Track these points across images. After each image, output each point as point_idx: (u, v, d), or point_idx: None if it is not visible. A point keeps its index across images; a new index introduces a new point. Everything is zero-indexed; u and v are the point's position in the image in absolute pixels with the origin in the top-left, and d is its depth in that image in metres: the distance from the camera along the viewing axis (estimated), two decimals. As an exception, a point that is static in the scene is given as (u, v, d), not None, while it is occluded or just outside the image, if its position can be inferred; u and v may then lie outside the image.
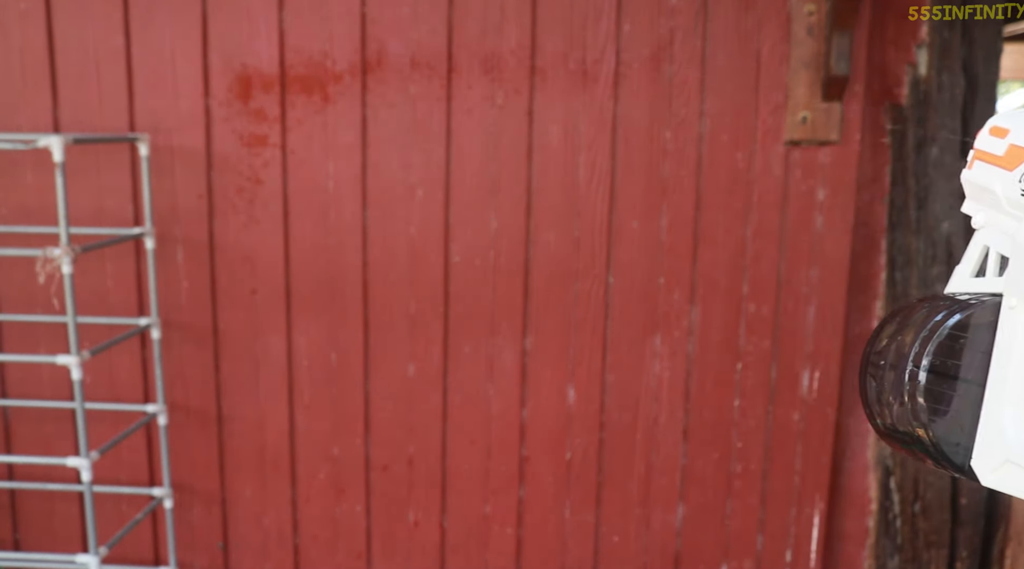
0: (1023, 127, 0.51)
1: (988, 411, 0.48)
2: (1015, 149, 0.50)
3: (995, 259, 0.51)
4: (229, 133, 1.78)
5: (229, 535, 1.94)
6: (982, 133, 0.54)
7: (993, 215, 0.52)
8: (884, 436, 0.53)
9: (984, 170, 0.52)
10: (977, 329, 0.48)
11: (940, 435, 0.48)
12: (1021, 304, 0.47)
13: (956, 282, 0.54)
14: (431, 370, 1.84)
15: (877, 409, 0.52)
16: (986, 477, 0.47)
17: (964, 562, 1.92)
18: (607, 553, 1.91)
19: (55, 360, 1.54)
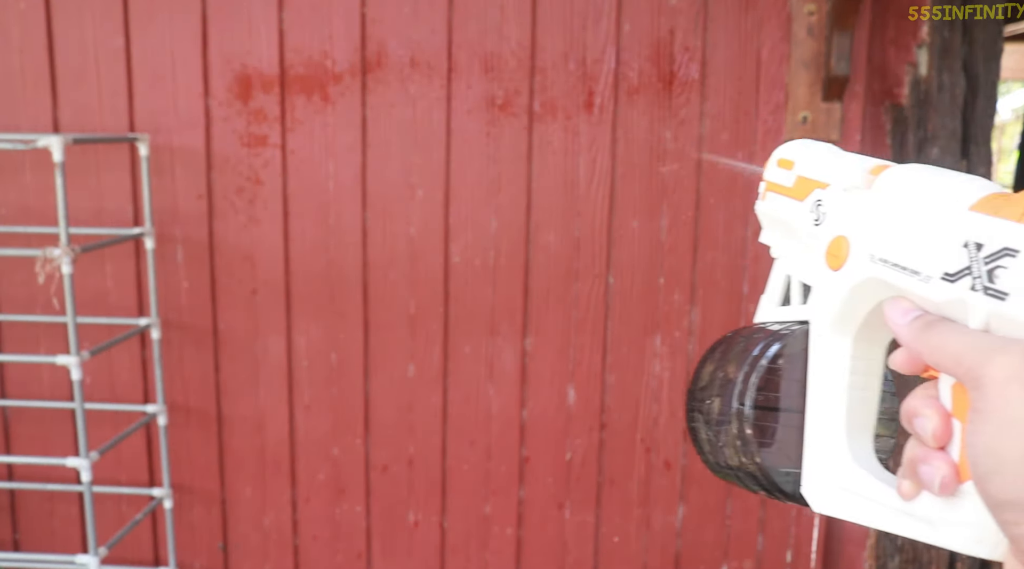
0: (807, 158, 0.52)
1: (810, 438, 0.49)
2: (803, 180, 0.52)
3: (798, 287, 0.52)
4: (229, 133, 1.78)
5: (229, 535, 1.94)
6: (770, 164, 0.55)
7: (791, 244, 0.53)
8: (718, 473, 0.53)
9: (776, 201, 0.54)
10: (790, 359, 0.49)
11: (770, 467, 0.49)
12: (826, 331, 0.48)
13: (764, 311, 0.55)
14: (431, 370, 1.84)
15: (708, 448, 0.52)
16: (817, 504, 0.48)
17: (964, 563, 1.92)
18: (607, 553, 1.91)
19: (55, 360, 1.53)
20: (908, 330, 0.42)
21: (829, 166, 0.50)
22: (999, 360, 0.37)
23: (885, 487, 0.45)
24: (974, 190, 0.41)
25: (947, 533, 0.41)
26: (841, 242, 0.47)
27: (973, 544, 0.39)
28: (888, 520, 0.44)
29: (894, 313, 0.43)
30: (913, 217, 0.43)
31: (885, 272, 0.43)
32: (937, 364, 0.40)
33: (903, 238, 0.43)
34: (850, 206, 0.47)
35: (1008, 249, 0.37)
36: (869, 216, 0.46)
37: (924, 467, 0.41)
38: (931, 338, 0.40)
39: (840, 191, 0.49)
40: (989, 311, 0.38)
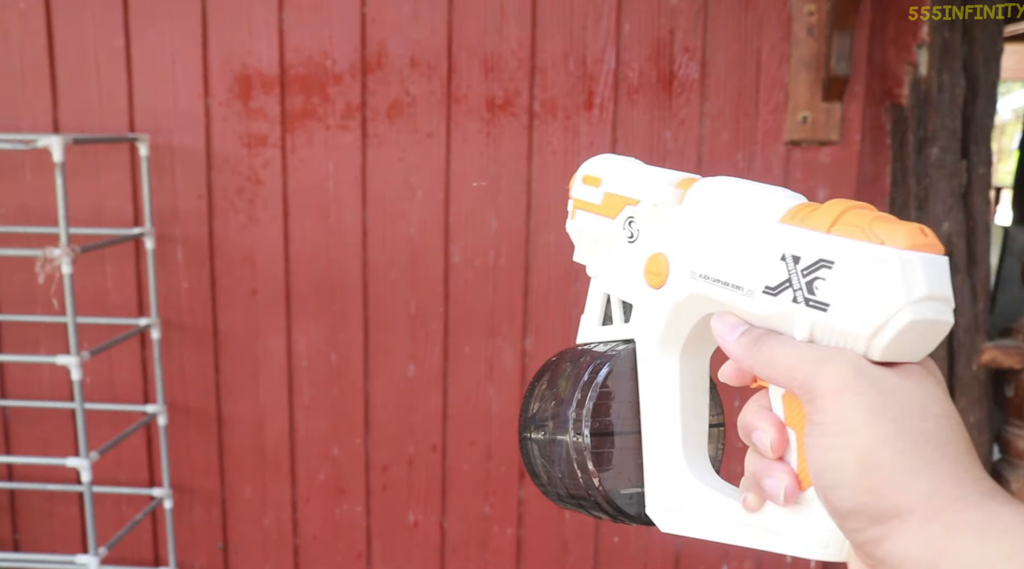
0: (613, 174, 0.51)
1: (649, 458, 0.48)
2: (611, 197, 0.51)
3: (618, 305, 0.51)
4: (229, 133, 1.78)
5: (229, 535, 1.94)
6: (575, 182, 0.54)
7: (607, 262, 0.51)
8: (559, 502, 0.52)
9: (586, 219, 0.53)
10: (619, 380, 0.48)
11: (612, 490, 0.48)
12: (653, 350, 0.47)
13: (585, 331, 0.53)
14: (431, 370, 1.84)
15: (546, 479, 0.51)
16: (662, 523, 0.48)
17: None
18: (607, 553, 1.91)
19: (55, 360, 1.53)
20: (737, 346, 0.42)
21: (636, 182, 0.49)
22: (829, 370, 0.37)
23: (728, 501, 0.45)
24: (782, 202, 0.42)
25: (794, 541, 0.41)
26: (659, 259, 0.46)
27: (820, 549, 0.40)
28: (735, 534, 0.44)
29: (722, 328, 0.43)
30: (728, 232, 0.43)
31: (707, 288, 0.43)
32: (769, 378, 0.41)
33: (721, 253, 0.43)
34: (663, 222, 0.47)
35: (824, 261, 0.38)
36: (685, 232, 0.45)
37: (767, 480, 0.41)
38: (761, 353, 0.41)
39: (650, 207, 0.48)
40: (813, 322, 0.39)
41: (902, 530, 0.36)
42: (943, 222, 1.81)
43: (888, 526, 0.36)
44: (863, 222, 0.38)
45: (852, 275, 0.37)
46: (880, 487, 0.36)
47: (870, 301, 0.37)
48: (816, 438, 0.38)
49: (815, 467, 0.38)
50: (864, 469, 0.36)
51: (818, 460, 0.38)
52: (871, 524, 0.37)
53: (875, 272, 0.37)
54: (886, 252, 0.37)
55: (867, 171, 1.80)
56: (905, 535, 0.36)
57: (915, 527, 0.36)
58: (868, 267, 0.37)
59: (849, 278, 0.37)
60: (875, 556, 0.37)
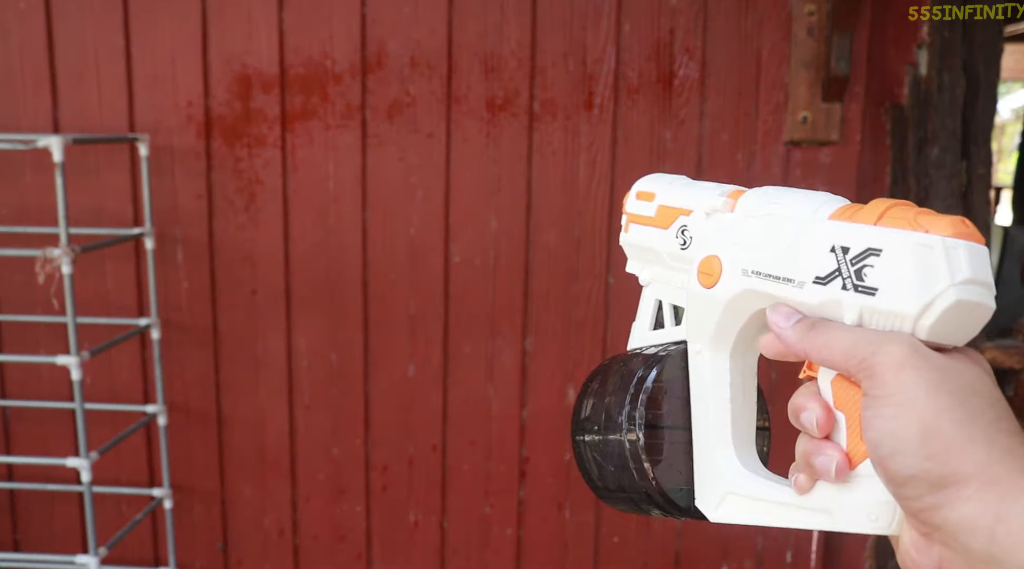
0: (666, 189, 0.57)
1: (699, 452, 0.52)
2: (664, 209, 0.56)
3: (669, 310, 0.56)
4: (229, 133, 1.78)
5: (229, 535, 1.94)
6: (630, 199, 0.59)
7: (658, 271, 0.57)
8: (609, 499, 0.55)
9: (640, 232, 0.58)
10: (671, 378, 0.53)
11: (666, 485, 0.52)
12: (705, 348, 0.52)
13: (637, 337, 0.58)
14: (431, 370, 1.84)
15: (598, 474, 0.55)
16: (711, 514, 0.51)
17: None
18: (607, 553, 1.91)
19: (55, 360, 1.53)
20: (793, 331, 0.45)
21: (689, 194, 0.54)
22: (888, 349, 0.40)
23: (778, 486, 0.48)
24: (829, 203, 0.47)
25: (845, 517, 0.44)
26: (712, 261, 0.50)
27: (869, 523, 0.43)
28: (785, 517, 0.47)
29: (776, 317, 0.46)
30: (779, 231, 0.47)
31: (759, 284, 0.47)
32: (824, 359, 0.44)
33: (773, 251, 0.47)
34: (715, 228, 0.52)
35: (872, 249, 0.42)
36: (737, 235, 0.50)
37: (818, 458, 0.44)
38: (817, 337, 0.44)
39: (703, 216, 0.53)
40: (862, 306, 0.43)
41: (960, 496, 0.38)
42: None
43: (946, 493, 0.38)
44: (908, 215, 0.42)
45: (899, 260, 0.41)
46: (940, 453, 0.38)
47: (916, 283, 0.41)
48: (876, 410, 0.40)
49: (875, 437, 0.40)
50: (925, 436, 0.39)
51: (879, 430, 0.40)
52: (930, 490, 0.39)
53: (921, 256, 0.41)
54: (931, 239, 0.41)
55: (867, 171, 1.80)
56: (963, 501, 0.38)
57: (973, 493, 0.38)
58: (914, 252, 0.41)
59: (896, 263, 0.41)
60: (932, 523, 0.39)
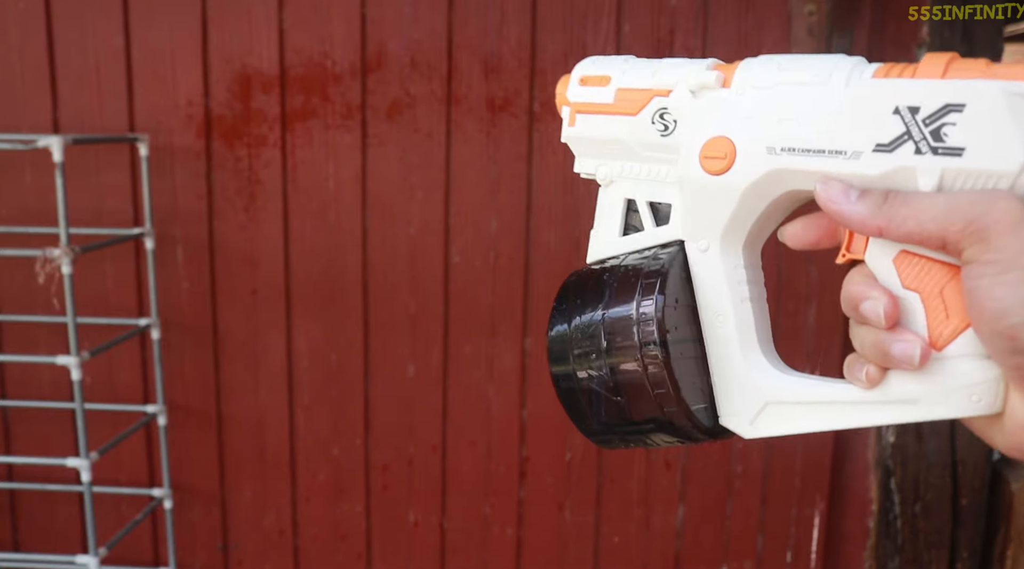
0: (621, 69, 0.49)
1: (719, 363, 0.46)
2: (628, 92, 0.48)
3: (646, 210, 0.48)
4: (229, 133, 1.78)
5: (229, 535, 1.94)
6: (570, 86, 0.51)
7: (626, 165, 0.49)
8: (606, 436, 0.48)
9: (594, 122, 0.49)
10: (676, 284, 0.45)
11: (694, 407, 0.45)
12: (713, 244, 0.45)
13: (603, 246, 0.50)
14: (431, 370, 1.84)
15: (595, 411, 0.47)
16: (746, 430, 0.45)
17: (965, 563, 1.92)
18: (607, 553, 1.91)
19: (55, 360, 1.53)
20: (861, 206, 0.39)
21: (661, 74, 0.47)
22: (1001, 206, 0.36)
23: (834, 385, 0.43)
24: (861, 63, 0.41)
25: (935, 405, 0.40)
26: (721, 142, 0.44)
27: (972, 405, 0.39)
28: (851, 417, 0.42)
29: (832, 193, 0.40)
30: (811, 98, 0.41)
31: (793, 161, 0.42)
32: (911, 233, 0.38)
33: (810, 122, 0.41)
34: (710, 106, 0.45)
35: (950, 105, 0.37)
36: (749, 109, 0.43)
37: (897, 344, 0.40)
38: (897, 209, 0.38)
39: (687, 95, 0.45)
40: (943, 169, 0.37)
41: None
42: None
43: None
44: (978, 66, 0.37)
45: (989, 113, 0.36)
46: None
47: (1015, 135, 0.36)
48: (995, 276, 0.36)
49: (1001, 306, 0.36)
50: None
51: (1004, 298, 0.36)
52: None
53: (1015, 106, 0.36)
54: (1021, 86, 0.36)
55: (867, 171, 1.80)
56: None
57: None
58: (1006, 102, 0.36)
59: (986, 117, 0.36)
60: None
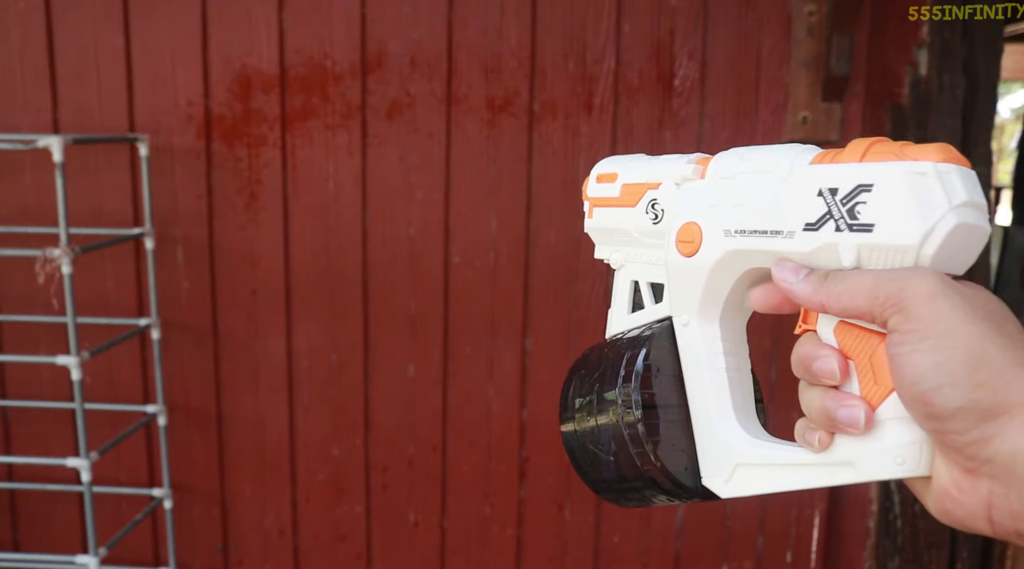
0: (627, 167, 0.55)
1: (700, 427, 0.50)
2: (629, 186, 0.55)
3: (647, 290, 0.54)
4: (229, 133, 1.78)
5: (229, 535, 1.94)
6: (590, 184, 0.58)
7: (631, 251, 0.56)
8: (609, 492, 0.53)
9: (606, 214, 0.56)
10: (661, 355, 0.51)
11: (670, 467, 0.49)
12: (692, 319, 0.50)
13: (616, 323, 0.56)
14: (431, 370, 1.84)
15: (595, 468, 0.52)
16: (721, 490, 0.50)
17: (965, 563, 1.92)
18: (607, 553, 1.91)
19: (55, 360, 1.53)
20: (806, 284, 0.43)
21: (654, 168, 0.53)
22: (916, 281, 0.39)
23: (791, 449, 0.46)
24: (806, 152, 0.45)
25: (870, 466, 0.42)
26: (690, 228, 0.49)
27: (898, 467, 0.41)
28: (804, 478, 0.45)
29: (784, 273, 0.44)
30: (759, 185, 0.46)
31: (744, 242, 0.46)
32: (845, 308, 0.41)
33: (755, 205, 0.46)
34: (688, 196, 0.50)
35: (862, 185, 0.41)
36: (714, 197, 0.48)
37: (842, 410, 0.42)
38: (834, 286, 0.42)
39: (672, 187, 0.51)
40: (859, 244, 0.41)
41: (1012, 424, 0.36)
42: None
43: (998, 422, 0.36)
44: (892, 149, 0.41)
45: (893, 191, 0.40)
46: (991, 381, 0.36)
47: (914, 211, 0.39)
48: (914, 344, 0.38)
49: (916, 373, 0.38)
50: (974, 364, 0.37)
51: (919, 365, 0.38)
52: (980, 422, 0.37)
53: (915, 184, 0.40)
54: (922, 166, 0.40)
55: (867, 171, 1.80)
56: (1015, 429, 0.36)
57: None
58: (908, 181, 0.40)
59: (890, 195, 0.40)
60: (981, 456, 0.37)
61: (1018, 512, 0.37)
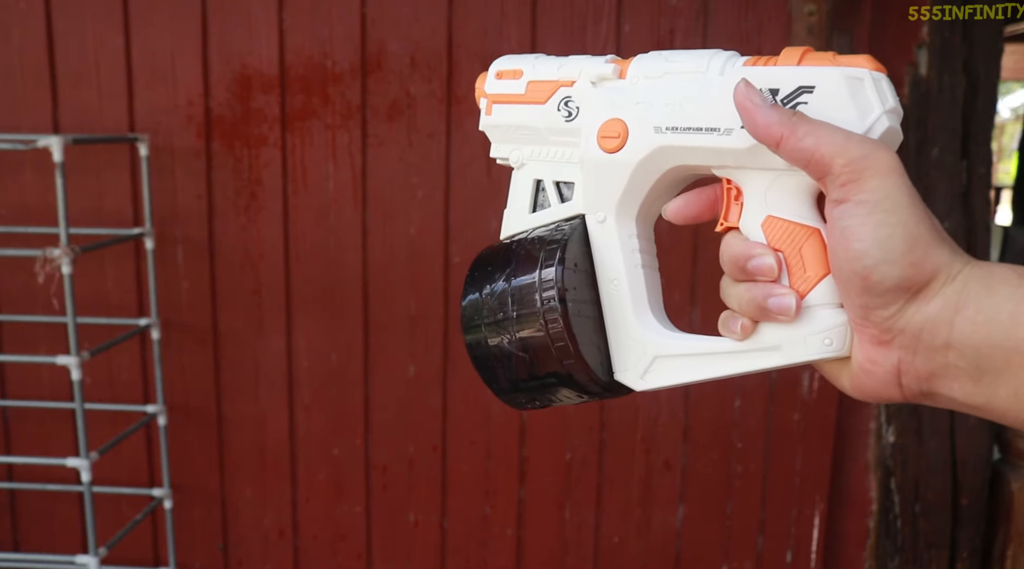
0: (532, 64, 0.55)
1: (614, 323, 0.51)
2: (537, 84, 0.54)
3: (553, 189, 0.54)
4: (229, 133, 1.78)
5: (229, 535, 1.94)
6: (488, 80, 0.57)
7: (535, 149, 0.55)
8: (513, 394, 0.52)
9: (508, 111, 0.56)
10: (576, 252, 0.50)
11: (590, 361, 0.49)
12: (610, 216, 0.50)
13: (515, 223, 0.55)
14: (431, 370, 1.84)
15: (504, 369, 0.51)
16: (636, 383, 0.50)
17: (965, 563, 1.92)
18: (607, 553, 1.91)
19: (55, 360, 1.53)
20: (774, 113, 0.43)
21: (566, 67, 0.53)
22: (880, 154, 0.41)
23: (711, 339, 0.48)
24: (733, 56, 0.47)
25: (795, 350, 0.44)
26: (615, 123, 0.50)
27: (825, 348, 0.44)
28: (728, 365, 0.47)
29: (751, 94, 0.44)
30: (693, 84, 0.47)
31: (676, 138, 0.47)
32: (804, 150, 0.43)
33: (689, 103, 0.47)
34: (608, 94, 0.51)
35: (803, 87, 0.44)
36: (640, 95, 0.49)
37: (773, 300, 0.44)
38: (802, 126, 0.42)
39: (588, 85, 0.52)
40: None
41: (927, 295, 0.41)
42: (944, 222, 1.81)
43: (918, 296, 0.41)
44: (827, 57, 0.44)
45: (833, 93, 0.43)
46: (922, 260, 0.40)
47: (854, 112, 0.43)
48: (863, 217, 0.41)
49: (862, 247, 0.41)
50: (912, 244, 0.40)
51: (865, 239, 0.41)
52: (905, 296, 0.41)
53: (854, 88, 0.43)
54: (860, 72, 0.43)
55: (867, 171, 1.79)
56: (927, 300, 0.40)
57: (938, 291, 0.40)
58: (848, 84, 0.43)
59: (831, 96, 0.43)
60: (895, 328, 0.41)
61: (923, 373, 0.41)
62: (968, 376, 0.40)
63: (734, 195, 0.47)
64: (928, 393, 0.42)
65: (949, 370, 0.40)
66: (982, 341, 0.39)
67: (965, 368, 0.40)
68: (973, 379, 0.40)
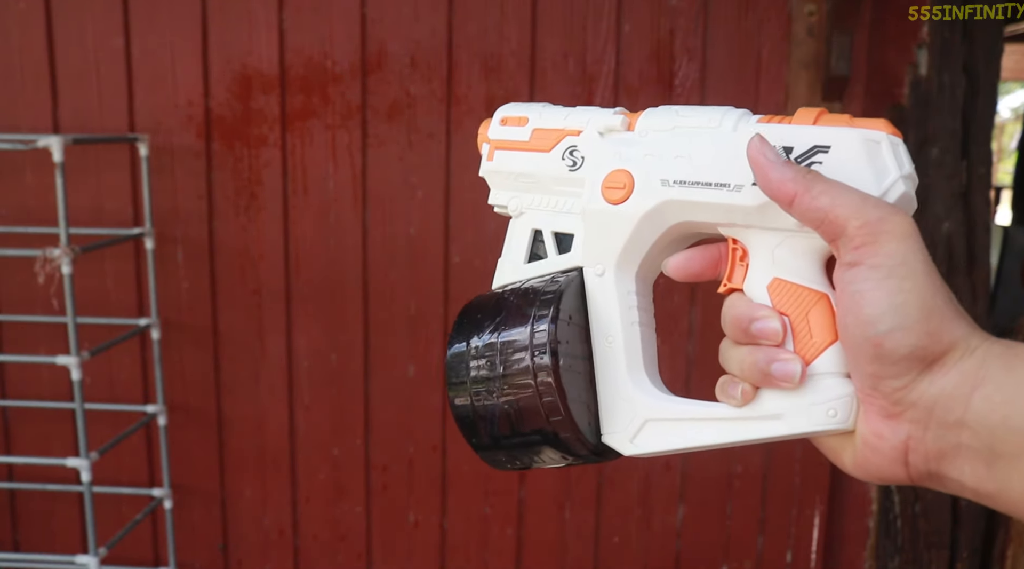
0: (539, 112, 0.54)
1: (605, 383, 0.48)
2: (543, 132, 0.53)
3: (551, 239, 0.52)
4: (229, 133, 1.78)
5: (229, 535, 1.94)
6: (493, 126, 0.56)
7: (536, 198, 0.53)
8: (496, 452, 0.50)
9: (511, 157, 0.54)
10: (571, 306, 0.48)
11: (578, 420, 0.47)
12: (609, 269, 0.49)
13: (508, 273, 0.53)
14: (431, 370, 1.84)
15: (487, 425, 0.49)
16: (626, 447, 0.48)
17: (965, 563, 1.92)
18: (607, 553, 1.91)
19: (55, 360, 1.53)
20: (787, 168, 0.41)
21: (574, 116, 0.52)
22: (897, 218, 0.39)
23: (706, 405, 0.46)
24: (747, 113, 0.47)
25: (799, 419, 0.42)
26: (620, 175, 0.48)
27: (829, 419, 0.41)
28: (720, 433, 0.45)
29: (765, 150, 0.42)
30: (703, 139, 0.46)
31: (683, 192, 0.46)
32: (819, 210, 0.40)
33: (699, 158, 0.46)
34: (615, 146, 0.49)
35: (819, 146, 0.42)
36: (648, 148, 0.48)
37: (777, 365, 0.42)
38: (816, 184, 0.40)
39: (595, 135, 0.50)
40: None
41: (942, 367, 0.38)
42: (943, 222, 1.81)
43: (933, 367, 0.38)
44: (843, 118, 0.43)
45: (850, 155, 0.42)
46: (939, 330, 0.38)
47: (869, 175, 0.41)
48: (878, 281, 0.39)
49: (876, 313, 0.38)
50: (928, 312, 0.38)
51: (879, 304, 0.38)
52: (918, 367, 0.38)
53: (871, 150, 0.41)
54: (877, 135, 0.42)
55: (867, 171, 1.79)
56: (943, 374, 0.38)
57: (955, 362, 0.38)
58: (864, 147, 0.41)
59: (847, 157, 0.42)
60: (906, 400, 0.39)
61: (932, 452, 0.39)
62: (981, 459, 0.37)
63: (739, 255, 0.46)
64: (936, 474, 0.39)
65: (961, 450, 0.38)
66: (999, 422, 0.37)
67: (978, 450, 0.37)
68: (986, 462, 0.37)
